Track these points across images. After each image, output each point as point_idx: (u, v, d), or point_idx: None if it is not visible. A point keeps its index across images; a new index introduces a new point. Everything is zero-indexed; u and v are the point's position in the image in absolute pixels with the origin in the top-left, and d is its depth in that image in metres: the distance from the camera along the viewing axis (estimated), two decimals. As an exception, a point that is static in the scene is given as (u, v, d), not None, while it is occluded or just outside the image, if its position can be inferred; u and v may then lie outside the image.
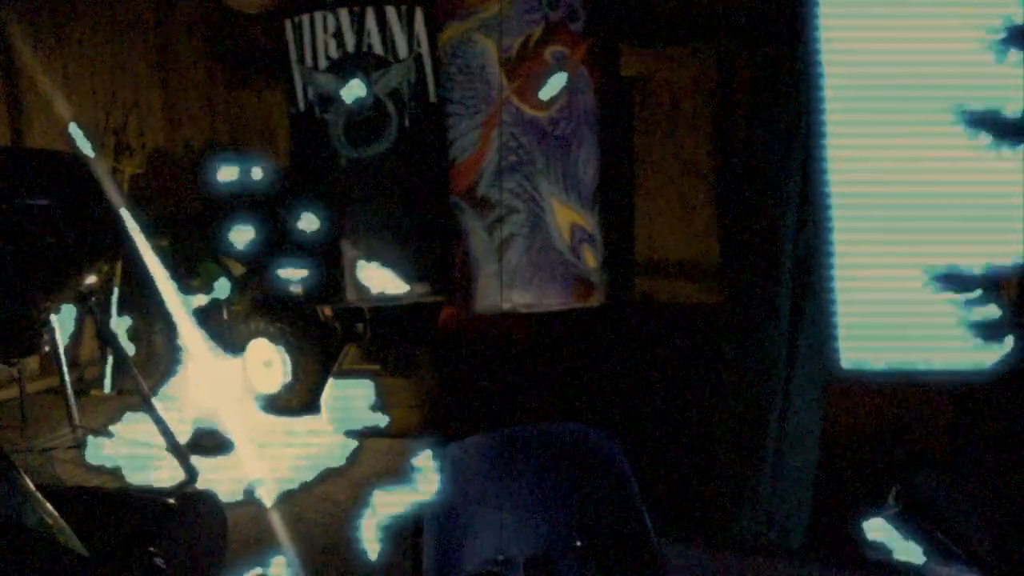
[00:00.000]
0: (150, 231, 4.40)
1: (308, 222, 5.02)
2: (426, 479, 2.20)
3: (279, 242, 5.25)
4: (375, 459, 4.78)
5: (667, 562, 2.25)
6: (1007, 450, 3.40)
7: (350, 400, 5.15)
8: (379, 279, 4.97)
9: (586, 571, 2.12)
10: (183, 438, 4.57)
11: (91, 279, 4.45)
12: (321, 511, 4.11)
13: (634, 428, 4.50)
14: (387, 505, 2.21)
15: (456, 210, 5.00)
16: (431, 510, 2.18)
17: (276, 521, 3.76)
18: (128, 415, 5.30)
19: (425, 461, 2.23)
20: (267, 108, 6.88)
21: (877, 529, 3.37)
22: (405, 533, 2.21)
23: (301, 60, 5.01)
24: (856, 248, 3.34)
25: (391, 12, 4.86)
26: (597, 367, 5.13)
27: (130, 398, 5.37)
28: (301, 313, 5.63)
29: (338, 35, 4.88)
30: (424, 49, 4.94)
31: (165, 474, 4.40)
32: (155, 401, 4.53)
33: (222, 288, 5.58)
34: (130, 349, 5.77)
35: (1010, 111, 3.17)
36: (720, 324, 3.76)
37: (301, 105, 5.08)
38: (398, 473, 4.41)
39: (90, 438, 4.95)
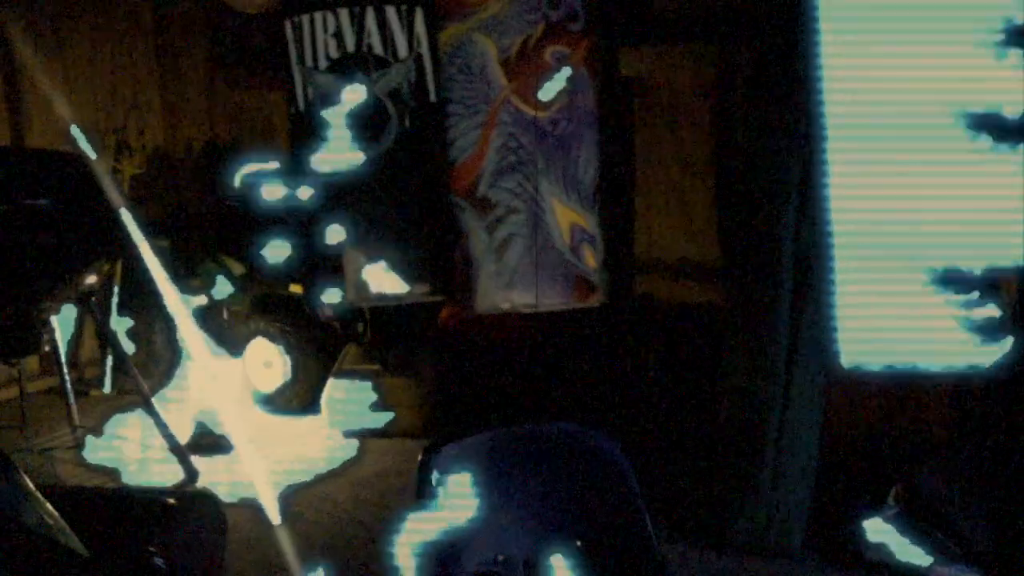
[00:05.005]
0: (150, 231, 4.39)
1: (335, 235, 4.94)
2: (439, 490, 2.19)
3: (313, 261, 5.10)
4: (375, 459, 4.78)
5: (667, 562, 2.25)
6: (1007, 450, 3.40)
7: (350, 400, 5.15)
8: (379, 279, 4.97)
9: (586, 571, 2.12)
10: (183, 438, 4.57)
11: (91, 279, 4.45)
12: (321, 511, 4.11)
13: (634, 428, 4.50)
14: (417, 524, 2.19)
15: (456, 210, 5.00)
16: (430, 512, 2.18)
17: (276, 522, 3.76)
18: (128, 415, 5.29)
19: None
20: (267, 108, 6.87)
21: (877, 529, 3.38)
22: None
23: (301, 60, 5.01)
24: (856, 248, 3.34)
25: (391, 12, 4.86)
26: (597, 367, 5.13)
27: (130, 398, 5.37)
28: (301, 313, 5.63)
29: (338, 35, 4.87)
30: (424, 49, 4.94)
31: (165, 474, 4.40)
32: (155, 401, 4.53)
33: (222, 288, 5.57)
34: (130, 349, 5.77)
35: (1010, 112, 3.17)
36: (720, 324, 3.76)
37: (301, 105, 5.08)
38: (399, 474, 4.42)
39: (90, 438, 4.96)
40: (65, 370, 4.96)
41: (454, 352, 5.21)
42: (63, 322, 4.89)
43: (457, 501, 2.17)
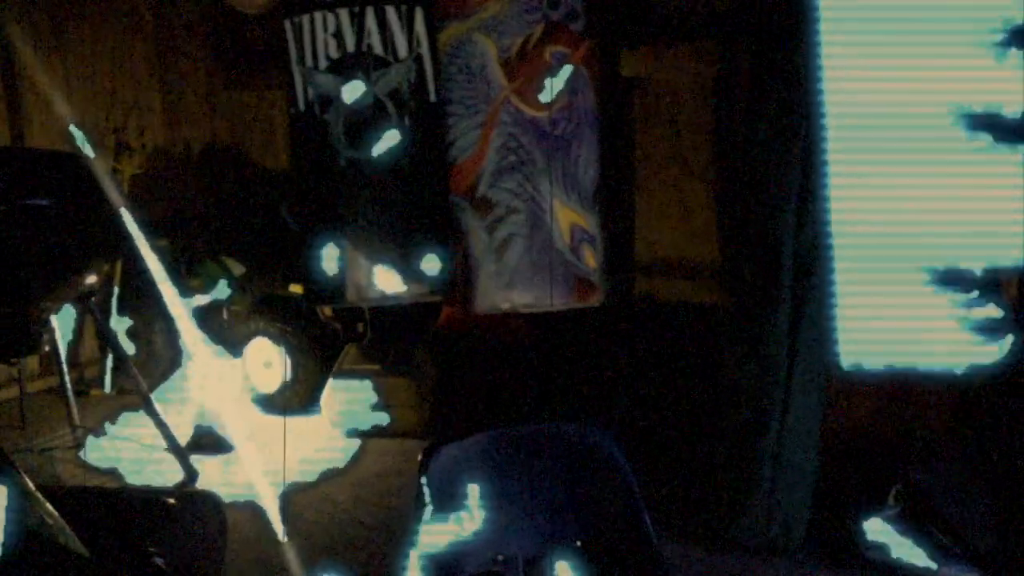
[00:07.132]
0: (150, 231, 4.39)
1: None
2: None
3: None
4: (375, 459, 4.78)
5: (667, 562, 2.25)
6: (1007, 450, 3.40)
7: (350, 400, 5.15)
8: (379, 279, 4.97)
9: (586, 571, 2.12)
10: (183, 438, 4.57)
11: (91, 279, 4.45)
12: (321, 511, 4.11)
13: (634, 428, 4.51)
14: (417, 525, 2.19)
15: (456, 210, 5.00)
16: (431, 509, 2.18)
17: (276, 522, 3.76)
18: (128, 415, 5.29)
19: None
20: (267, 108, 6.87)
21: (877, 529, 3.38)
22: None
23: (301, 60, 5.00)
24: (856, 248, 3.35)
25: (391, 12, 4.85)
26: (597, 367, 5.13)
27: (130, 398, 5.37)
28: (301, 313, 5.63)
29: (338, 35, 4.87)
30: (424, 49, 4.93)
31: (165, 474, 4.40)
32: (155, 401, 4.53)
33: (222, 288, 5.57)
34: (130, 349, 5.77)
35: (1010, 112, 3.18)
36: (720, 324, 3.76)
37: (301, 105, 5.08)
38: (399, 474, 4.42)
39: (90, 438, 4.95)
40: (65, 370, 4.96)
41: (454, 352, 5.21)
42: (63, 322, 4.88)
43: (457, 502, 2.17)
